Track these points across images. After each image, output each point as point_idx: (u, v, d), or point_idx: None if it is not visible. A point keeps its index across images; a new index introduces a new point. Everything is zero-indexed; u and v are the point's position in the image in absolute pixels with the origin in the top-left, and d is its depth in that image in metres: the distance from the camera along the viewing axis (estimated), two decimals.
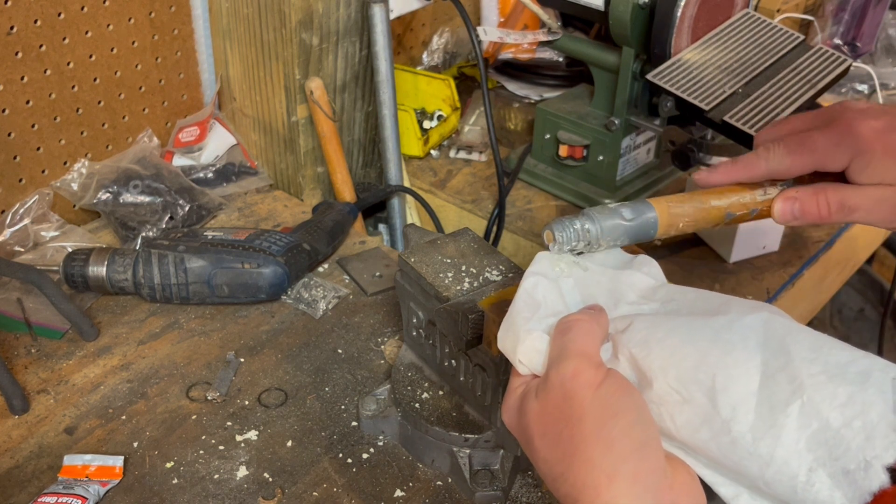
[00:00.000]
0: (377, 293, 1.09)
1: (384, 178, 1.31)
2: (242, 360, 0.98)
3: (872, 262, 1.94)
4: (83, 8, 1.14)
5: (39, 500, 0.78)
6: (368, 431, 0.88)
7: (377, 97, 1.25)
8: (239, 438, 0.88)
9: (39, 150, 1.17)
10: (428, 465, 0.85)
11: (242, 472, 0.84)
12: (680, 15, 1.10)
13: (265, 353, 0.99)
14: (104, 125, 1.24)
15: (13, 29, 1.08)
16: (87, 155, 1.23)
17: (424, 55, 1.62)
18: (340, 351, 1.00)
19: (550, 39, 1.30)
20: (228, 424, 0.89)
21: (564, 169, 1.33)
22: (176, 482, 0.83)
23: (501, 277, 0.82)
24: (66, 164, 1.21)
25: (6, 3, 1.06)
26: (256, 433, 0.88)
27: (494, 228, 1.30)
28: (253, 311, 1.06)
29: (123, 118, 1.26)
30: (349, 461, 0.85)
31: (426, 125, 1.46)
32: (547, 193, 1.35)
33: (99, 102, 1.22)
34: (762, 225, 1.17)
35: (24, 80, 1.11)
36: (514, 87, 1.59)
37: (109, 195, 1.19)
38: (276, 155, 1.33)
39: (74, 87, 1.18)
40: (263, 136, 1.33)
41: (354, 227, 1.22)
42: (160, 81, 1.29)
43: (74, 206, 1.22)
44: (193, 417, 0.90)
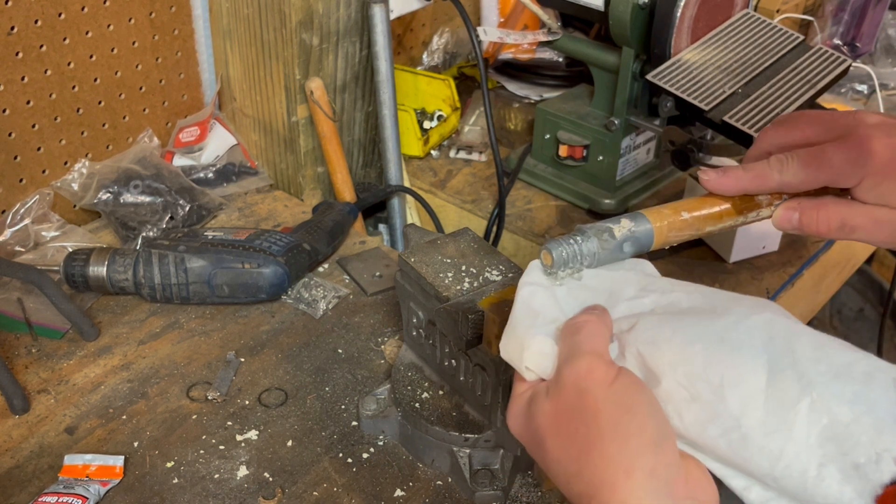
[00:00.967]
0: (377, 293, 1.09)
1: (384, 178, 1.31)
2: (243, 359, 0.98)
3: (872, 262, 1.94)
4: (83, 8, 1.14)
5: (40, 499, 0.78)
6: (368, 431, 0.88)
7: (377, 97, 1.25)
8: (239, 438, 0.88)
9: (40, 150, 1.17)
10: (428, 464, 0.85)
11: (243, 471, 0.84)
12: (680, 15, 1.11)
13: (265, 352, 0.99)
14: (104, 125, 1.24)
15: (13, 29, 1.08)
16: (87, 155, 1.24)
17: (424, 55, 1.62)
18: (340, 351, 1.00)
19: (550, 39, 1.30)
20: (229, 424, 0.89)
21: (564, 169, 1.33)
22: (176, 482, 0.83)
23: (501, 277, 0.82)
24: (66, 164, 1.21)
25: (7, 3, 1.06)
26: (257, 433, 0.88)
27: (494, 228, 1.30)
28: (253, 310, 1.06)
29: (124, 118, 1.26)
30: (349, 461, 0.85)
31: (426, 125, 1.46)
32: (547, 193, 1.35)
33: (99, 102, 1.22)
34: (762, 225, 1.17)
35: (24, 80, 1.12)
36: (514, 87, 1.59)
37: (110, 195, 1.19)
38: (276, 155, 1.33)
39: (75, 87, 1.18)
40: (264, 136, 1.33)
41: (354, 227, 1.22)
42: (160, 81, 1.29)
43: (75, 206, 1.22)
44: (194, 417, 0.90)
